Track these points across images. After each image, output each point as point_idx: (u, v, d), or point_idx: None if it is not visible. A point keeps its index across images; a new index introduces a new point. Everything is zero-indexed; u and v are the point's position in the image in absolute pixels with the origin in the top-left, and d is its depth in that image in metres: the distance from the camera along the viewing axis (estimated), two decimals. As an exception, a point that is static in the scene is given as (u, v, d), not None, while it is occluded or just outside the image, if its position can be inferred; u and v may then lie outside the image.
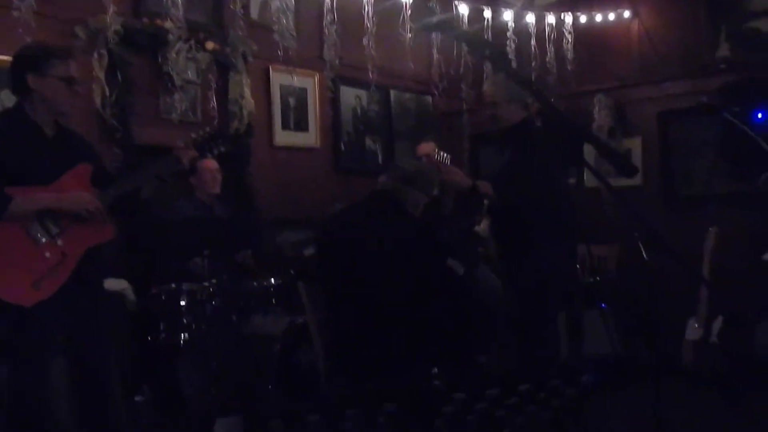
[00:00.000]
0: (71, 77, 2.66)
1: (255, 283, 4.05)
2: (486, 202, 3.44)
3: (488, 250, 4.39)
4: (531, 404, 1.01)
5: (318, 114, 5.62)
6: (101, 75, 4.15)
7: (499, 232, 3.69)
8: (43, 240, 2.59)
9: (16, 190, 2.56)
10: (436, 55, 5.09)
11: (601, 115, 5.62)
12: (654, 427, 2.52)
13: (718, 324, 4.19)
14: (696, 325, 4.30)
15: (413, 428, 1.02)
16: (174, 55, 4.30)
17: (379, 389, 0.92)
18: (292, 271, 3.60)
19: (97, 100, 4.17)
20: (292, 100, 5.48)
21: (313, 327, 2.73)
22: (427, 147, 4.50)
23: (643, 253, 2.59)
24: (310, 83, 5.58)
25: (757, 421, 3.26)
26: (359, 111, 6.01)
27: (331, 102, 5.64)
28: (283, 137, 5.40)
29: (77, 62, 2.78)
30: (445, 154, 3.70)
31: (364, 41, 4.52)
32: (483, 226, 3.81)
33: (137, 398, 3.88)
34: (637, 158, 5.43)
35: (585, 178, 4.53)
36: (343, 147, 5.84)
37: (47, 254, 2.59)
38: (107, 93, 4.18)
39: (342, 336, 2.54)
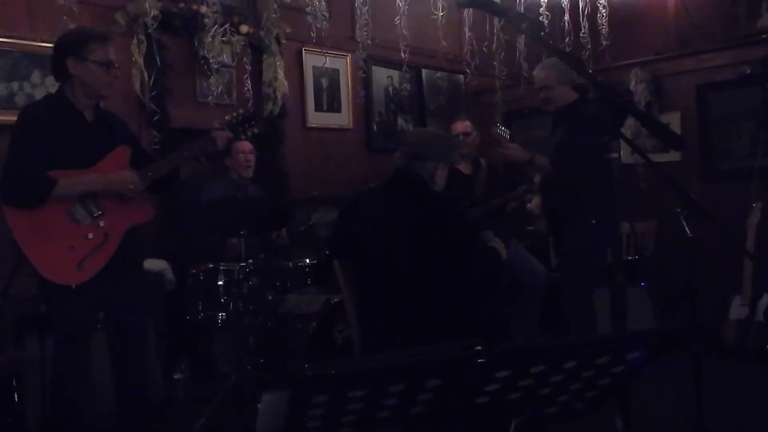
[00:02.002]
0: (110, 61, 2.72)
1: (290, 263, 4.10)
2: (536, 180, 3.55)
3: (538, 226, 4.40)
4: (577, 382, 1.01)
5: (350, 95, 5.63)
6: (140, 59, 4.22)
7: (549, 208, 3.80)
8: (86, 221, 2.67)
9: (58, 173, 2.63)
10: (467, 33, 5.02)
11: (637, 90, 5.51)
12: (695, 401, 2.49)
13: (764, 302, 4.11)
14: (741, 304, 4.22)
15: (454, 405, 1.03)
16: (209, 38, 4.33)
17: (420, 364, 0.92)
18: (327, 251, 3.62)
19: (136, 84, 4.25)
20: (324, 81, 5.50)
21: (349, 305, 2.76)
22: (462, 125, 4.48)
23: (687, 229, 2.55)
24: (342, 64, 5.59)
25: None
26: (391, 91, 6.00)
27: (363, 82, 5.63)
28: (315, 118, 5.43)
29: (115, 46, 2.83)
30: (505, 129, 3.74)
31: (396, 20, 4.48)
32: (534, 204, 3.86)
33: (176, 375, 3.98)
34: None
35: (621, 154, 4.47)
36: (375, 127, 5.84)
37: (90, 235, 2.66)
38: (146, 77, 4.24)
39: (375, 313, 2.56)
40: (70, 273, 2.61)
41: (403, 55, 4.60)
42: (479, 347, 0.90)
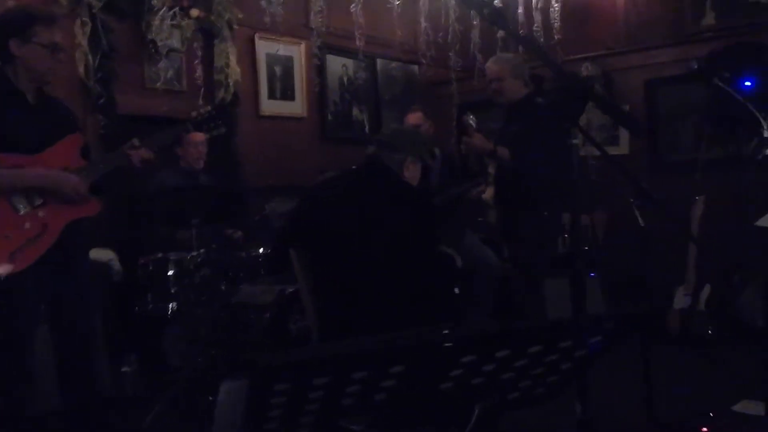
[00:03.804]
0: (55, 44, 2.60)
1: (243, 253, 4.03)
2: (491, 171, 3.59)
3: (489, 216, 4.44)
4: (540, 366, 1.00)
5: (304, 83, 5.56)
6: (84, 42, 4.07)
7: (503, 199, 3.86)
8: (24, 210, 2.55)
9: (1, 158, 2.51)
10: (423, 23, 5.02)
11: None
12: (645, 386, 2.55)
13: (705, 292, 4.24)
14: (684, 294, 4.34)
15: (418, 391, 1.01)
16: (158, 22, 4.21)
17: (383, 350, 0.90)
18: (282, 238, 3.57)
19: (80, 68, 4.09)
20: (278, 69, 5.41)
21: (305, 295, 2.71)
22: (414, 116, 4.49)
23: (639, 219, 2.59)
24: (296, 52, 5.51)
25: (739, 379, 3.35)
26: (346, 80, 5.95)
27: (318, 71, 5.57)
28: (269, 107, 5.34)
29: (61, 28, 2.71)
30: (473, 117, 3.76)
31: (352, 8, 4.45)
32: (488, 194, 3.90)
33: (124, 368, 3.88)
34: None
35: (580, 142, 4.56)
36: (329, 116, 5.79)
37: (27, 225, 2.54)
38: (90, 60, 4.09)
39: (334, 303, 2.53)
40: (2, 263, 2.48)
41: (358, 44, 4.57)
42: (446, 331, 0.88)
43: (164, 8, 4.11)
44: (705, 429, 2.67)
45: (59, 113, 2.75)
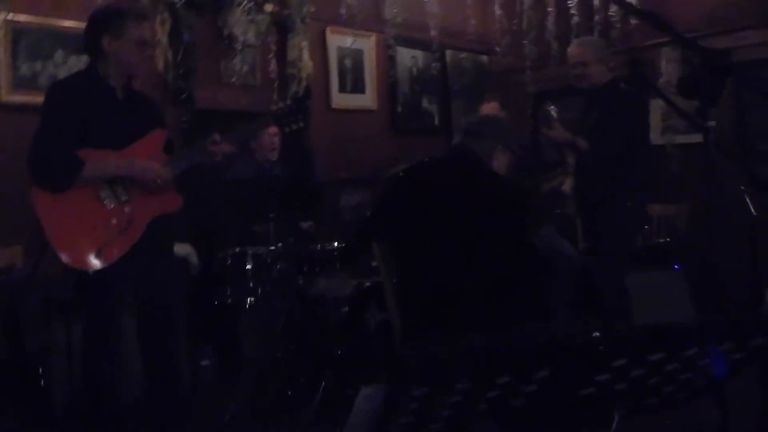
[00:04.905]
0: (146, 40, 2.64)
1: (318, 246, 4.02)
2: (570, 161, 3.49)
3: (568, 208, 4.32)
4: (689, 371, 0.92)
5: (375, 75, 5.52)
6: (164, 38, 4.13)
7: (583, 190, 3.76)
8: (111, 205, 2.60)
9: (88, 152, 2.55)
10: (498, 11, 4.90)
11: (668, 69, 5.37)
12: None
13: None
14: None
15: (559, 396, 0.95)
16: (234, 17, 4.23)
17: (531, 352, 0.84)
18: (362, 233, 3.54)
19: (160, 64, 4.16)
20: (348, 62, 5.39)
21: (389, 290, 2.67)
22: (490, 106, 4.40)
23: (752, 208, 2.44)
24: (366, 44, 5.47)
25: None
26: (415, 71, 5.89)
27: (388, 63, 5.52)
28: (340, 100, 5.33)
29: (150, 26, 2.75)
30: (554, 107, 3.68)
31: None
32: (567, 185, 3.78)
33: (204, 362, 3.93)
34: (713, 107, 5.17)
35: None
36: (399, 108, 5.74)
37: (114, 220, 2.59)
38: (170, 56, 4.15)
39: (420, 298, 2.47)
40: (89, 258, 2.53)
41: (432, 35, 4.49)
42: (596, 333, 0.82)
43: (241, 3, 4.12)
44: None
45: (146, 109, 2.79)
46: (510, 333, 0.88)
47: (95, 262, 2.53)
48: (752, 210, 2.46)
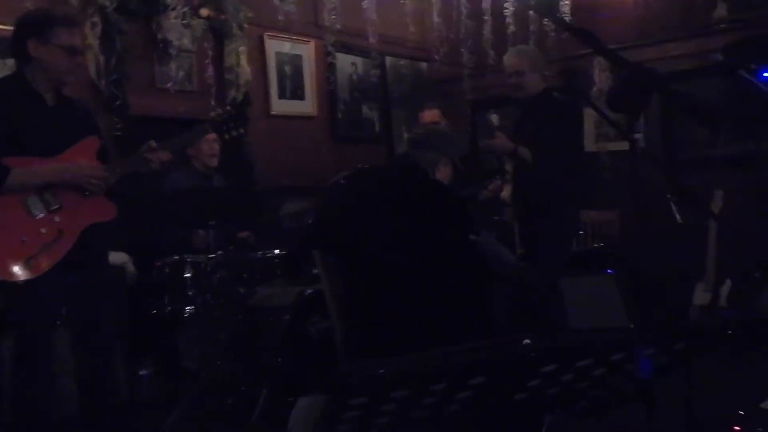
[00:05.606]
0: (74, 47, 2.57)
1: (259, 254, 3.99)
2: (508, 168, 3.55)
3: (506, 215, 4.40)
4: (617, 375, 0.96)
5: (314, 82, 5.52)
6: (95, 43, 4.03)
7: (521, 197, 3.83)
8: (40, 215, 2.52)
9: (17, 160, 2.48)
10: (436, 19, 4.97)
11: (600, 78, 5.56)
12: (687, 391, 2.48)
13: (726, 288, 4.19)
14: (704, 291, 4.29)
15: (493, 402, 0.97)
16: (169, 21, 4.16)
17: (467, 362, 0.86)
18: (301, 241, 3.55)
19: (92, 69, 4.05)
20: (287, 68, 5.37)
21: (330, 299, 2.66)
22: (430, 114, 4.44)
23: (677, 215, 2.55)
24: (305, 50, 5.46)
25: (761, 377, 3.31)
26: (355, 78, 5.91)
27: (327, 69, 5.53)
28: (280, 106, 5.31)
29: (80, 32, 2.68)
30: (495, 116, 3.73)
31: (364, 5, 4.40)
32: (505, 192, 3.85)
33: (141, 372, 3.84)
34: (638, 120, 5.37)
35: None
36: (339, 115, 5.75)
37: (43, 230, 2.51)
38: (102, 62, 4.05)
39: (364, 307, 2.47)
40: (16, 269, 2.44)
41: (370, 42, 4.52)
42: (527, 341, 0.85)
43: (175, 8, 4.05)
44: (738, 428, 2.63)
45: (78, 115, 2.72)
46: (448, 345, 0.90)
47: (24, 274, 2.45)
48: (677, 217, 2.56)
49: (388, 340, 2.21)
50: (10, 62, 2.98)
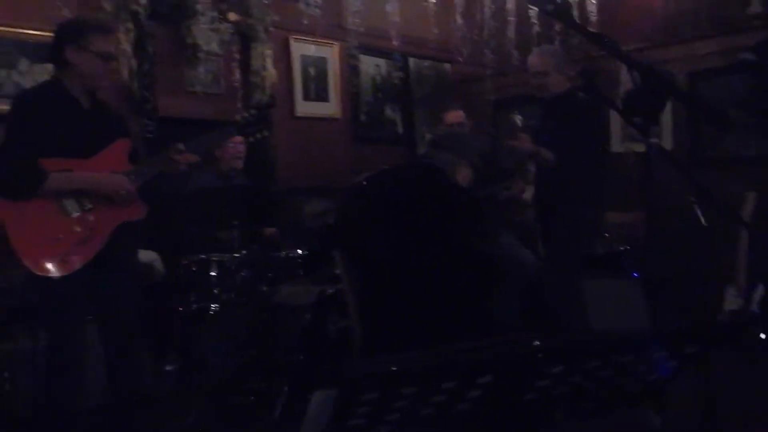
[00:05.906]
0: (109, 53, 2.66)
1: (282, 254, 4.05)
2: (531, 169, 3.55)
3: (528, 216, 4.40)
4: (625, 376, 0.99)
5: (338, 84, 5.57)
6: (128, 48, 4.12)
7: (542, 198, 3.83)
8: (75, 214, 2.61)
9: (53, 162, 2.57)
10: (459, 20, 4.99)
11: (626, 79, 5.49)
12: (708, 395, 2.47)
13: (758, 292, 4.10)
14: (735, 295, 4.21)
15: (502, 401, 1.00)
16: (198, 26, 4.24)
17: (475, 360, 0.89)
18: (325, 240, 3.59)
19: (125, 73, 4.15)
20: (312, 71, 5.43)
21: (349, 295, 2.71)
22: (455, 115, 4.45)
23: (701, 218, 2.52)
24: (329, 53, 5.52)
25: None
26: (378, 80, 5.95)
27: (351, 71, 5.58)
28: (304, 108, 5.37)
29: (115, 39, 2.78)
30: (520, 117, 3.73)
31: (387, 8, 4.44)
32: (527, 193, 3.86)
33: (168, 367, 3.92)
34: (667, 120, 5.31)
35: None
36: (363, 117, 5.80)
37: (77, 228, 2.61)
38: (134, 66, 4.15)
39: (382, 306, 2.52)
40: (53, 266, 2.54)
41: (394, 44, 4.55)
42: (537, 342, 0.88)
43: (204, 13, 4.13)
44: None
45: (111, 119, 2.81)
46: (460, 344, 0.94)
47: (58, 270, 2.55)
48: (702, 220, 2.54)
49: (406, 339, 2.25)
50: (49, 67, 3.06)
